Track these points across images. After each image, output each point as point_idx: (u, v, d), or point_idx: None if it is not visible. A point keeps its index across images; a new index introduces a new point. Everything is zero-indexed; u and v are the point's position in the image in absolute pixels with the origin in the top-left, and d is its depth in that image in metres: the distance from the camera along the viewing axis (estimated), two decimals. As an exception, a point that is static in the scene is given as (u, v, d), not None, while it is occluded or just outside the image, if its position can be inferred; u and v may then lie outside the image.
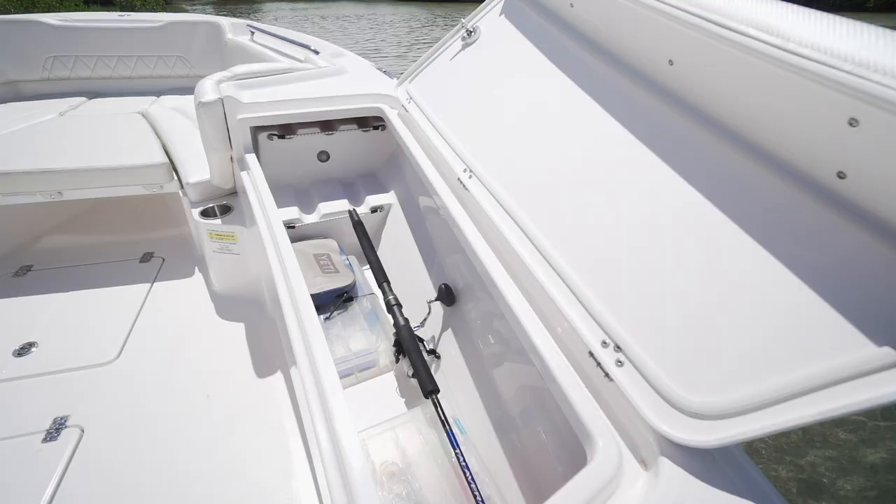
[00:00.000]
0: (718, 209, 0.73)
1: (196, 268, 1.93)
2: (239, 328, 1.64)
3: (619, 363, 0.72)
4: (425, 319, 1.35)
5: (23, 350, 1.51)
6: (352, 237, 1.55)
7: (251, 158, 1.42)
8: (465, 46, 1.44)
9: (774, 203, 0.68)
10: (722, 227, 0.72)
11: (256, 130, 1.54)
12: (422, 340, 1.23)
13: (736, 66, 0.73)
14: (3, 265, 1.88)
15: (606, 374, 0.73)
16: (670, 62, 0.86)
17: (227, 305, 1.73)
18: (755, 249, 0.67)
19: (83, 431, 1.27)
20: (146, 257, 1.98)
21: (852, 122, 0.58)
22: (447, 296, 1.30)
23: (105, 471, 1.18)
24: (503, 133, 1.18)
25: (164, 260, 1.97)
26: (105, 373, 1.45)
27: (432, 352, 1.29)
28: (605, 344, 0.75)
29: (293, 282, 0.96)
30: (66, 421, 1.29)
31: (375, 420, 1.15)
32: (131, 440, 1.26)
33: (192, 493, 1.15)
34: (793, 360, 0.58)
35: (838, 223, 0.61)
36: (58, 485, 1.14)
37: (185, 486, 1.16)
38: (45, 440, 1.24)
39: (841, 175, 0.62)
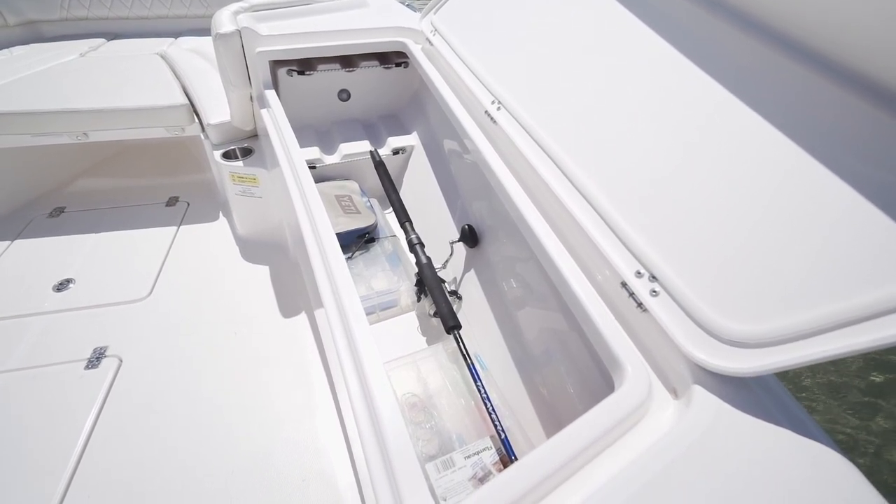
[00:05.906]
0: (765, 121, 0.66)
1: (220, 212, 1.95)
2: (263, 270, 1.67)
3: (654, 293, 0.69)
4: (447, 261, 1.33)
5: (61, 286, 1.57)
6: (373, 180, 1.52)
7: (271, 95, 1.38)
8: None
9: (831, 114, 0.60)
10: (765, 144, 0.65)
11: (276, 66, 1.48)
12: (443, 281, 1.22)
13: None
14: (38, 206, 1.94)
15: (640, 305, 0.70)
16: None
17: (251, 248, 1.76)
18: (804, 165, 0.60)
19: (121, 361, 1.34)
20: (172, 201, 2.01)
21: None
22: (470, 237, 1.27)
23: (143, 396, 1.26)
24: (533, 61, 1.10)
25: (188, 204, 1.99)
26: (139, 308, 1.51)
27: (454, 293, 1.28)
28: (639, 274, 0.71)
29: (316, 215, 0.94)
30: (105, 351, 1.36)
31: (396, 356, 1.16)
32: (165, 370, 1.33)
33: (221, 420, 1.21)
34: (844, 285, 0.53)
35: None
36: (101, 406, 1.22)
37: (215, 413, 1.22)
38: (87, 367, 1.32)
39: None
